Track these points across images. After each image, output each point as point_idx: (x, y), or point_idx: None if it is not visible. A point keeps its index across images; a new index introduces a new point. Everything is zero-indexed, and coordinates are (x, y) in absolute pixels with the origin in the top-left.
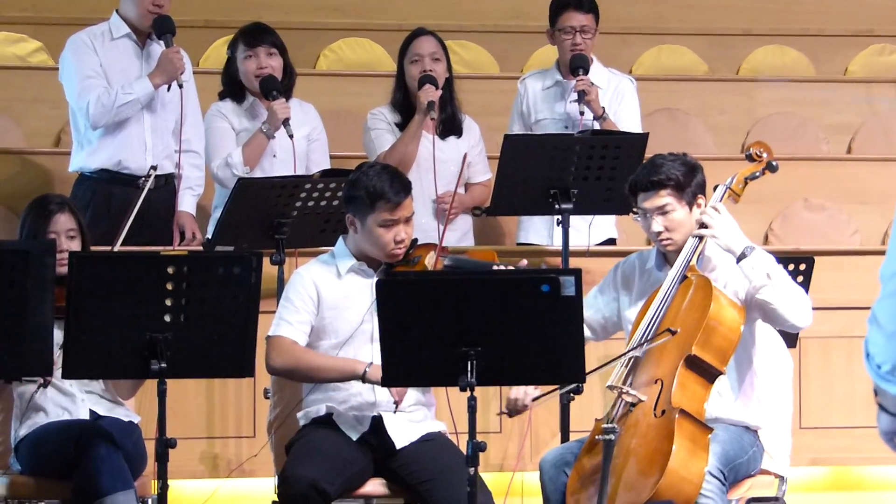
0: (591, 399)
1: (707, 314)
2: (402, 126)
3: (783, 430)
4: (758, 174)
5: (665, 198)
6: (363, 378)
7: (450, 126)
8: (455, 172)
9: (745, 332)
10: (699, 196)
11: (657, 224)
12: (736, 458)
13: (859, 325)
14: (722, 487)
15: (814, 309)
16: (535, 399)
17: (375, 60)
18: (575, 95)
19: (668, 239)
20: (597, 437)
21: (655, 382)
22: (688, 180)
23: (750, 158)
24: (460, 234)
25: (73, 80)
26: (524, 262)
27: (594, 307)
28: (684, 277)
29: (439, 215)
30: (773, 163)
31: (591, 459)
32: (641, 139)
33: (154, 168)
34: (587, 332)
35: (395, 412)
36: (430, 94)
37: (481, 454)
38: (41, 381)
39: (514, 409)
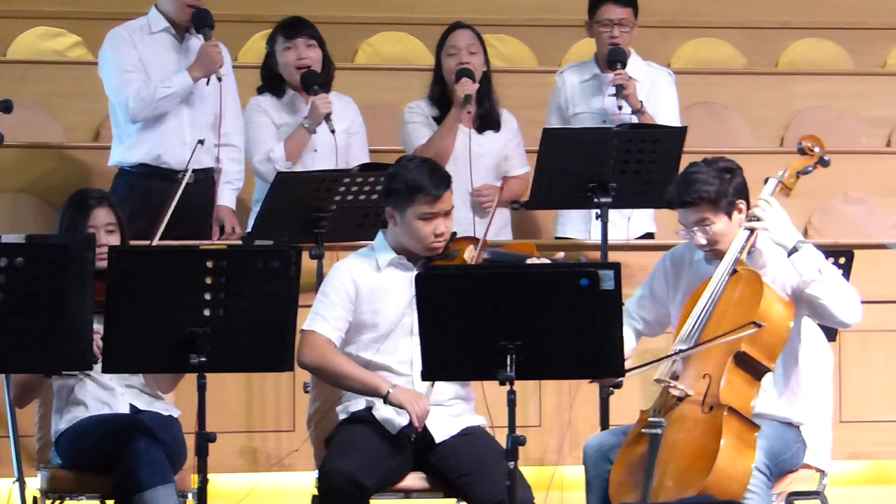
0: (631, 392)
1: (757, 310)
2: (438, 120)
3: (824, 425)
4: (810, 168)
5: (701, 213)
6: (385, 398)
7: (487, 120)
8: (491, 166)
9: (793, 328)
10: (738, 202)
11: (700, 238)
12: (781, 454)
13: None
14: (768, 483)
15: None
16: (627, 370)
17: (413, 54)
18: (613, 89)
19: (711, 251)
20: (643, 430)
21: (703, 377)
22: (722, 191)
23: (802, 152)
24: (498, 227)
25: (113, 74)
26: (561, 254)
27: (645, 302)
28: (734, 271)
29: (475, 208)
30: (825, 157)
31: (636, 450)
32: (680, 133)
33: (201, 142)
34: (641, 327)
35: (412, 438)
36: (466, 87)
37: (520, 448)
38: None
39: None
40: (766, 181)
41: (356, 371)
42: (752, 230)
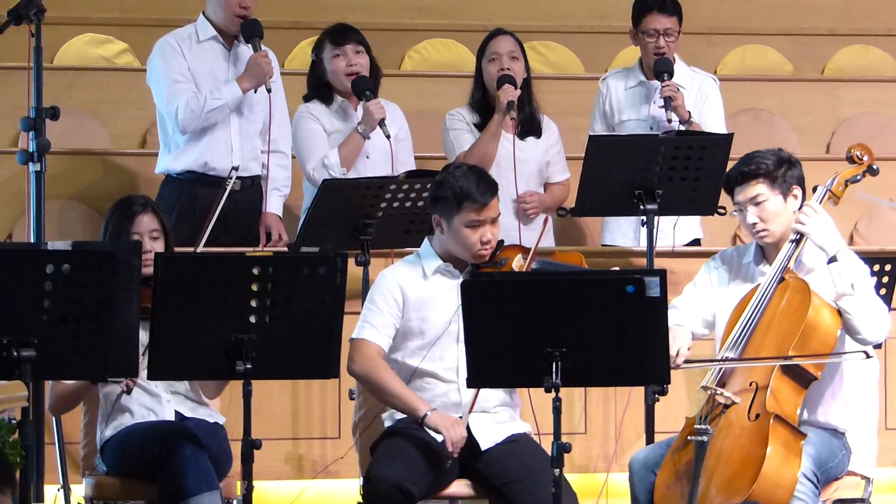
0: (677, 400)
1: (805, 318)
2: (480, 126)
3: (869, 432)
4: (858, 177)
5: (757, 187)
6: (422, 421)
7: (529, 126)
8: (534, 172)
9: (839, 336)
10: (794, 187)
11: (752, 215)
12: (828, 461)
13: None
14: (815, 490)
15: None
16: (686, 361)
17: (460, 61)
18: (661, 101)
19: (764, 230)
20: (689, 437)
21: (750, 385)
22: (780, 170)
23: (851, 160)
24: (538, 233)
25: (162, 84)
26: (615, 269)
27: (697, 302)
28: (781, 279)
29: (520, 215)
30: (874, 166)
31: (682, 458)
32: (726, 140)
33: (235, 169)
34: (700, 329)
35: (447, 465)
36: (509, 93)
37: (566, 455)
38: (124, 386)
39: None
40: (814, 189)
41: (400, 389)
42: (798, 237)
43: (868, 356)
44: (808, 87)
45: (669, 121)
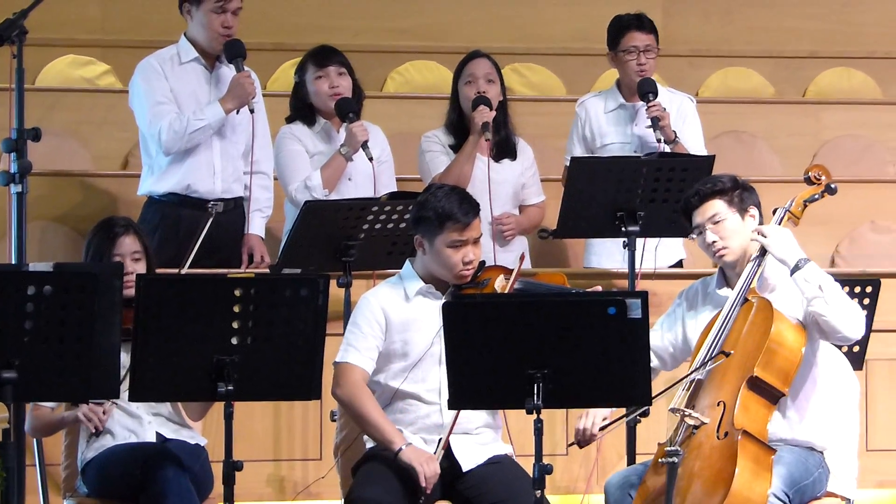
0: (659, 422)
1: (768, 335)
2: (455, 148)
3: (849, 452)
4: (816, 196)
5: (714, 205)
6: (396, 455)
7: (504, 148)
8: (510, 194)
9: (808, 352)
10: (751, 206)
11: (710, 234)
12: (801, 479)
13: None
14: None
15: (881, 331)
16: (602, 428)
17: (443, 83)
18: (648, 121)
19: (723, 248)
20: (660, 460)
21: (718, 405)
22: (736, 190)
23: (809, 181)
24: (516, 255)
25: (145, 106)
26: (598, 288)
27: (661, 336)
28: (745, 300)
29: (496, 237)
30: (832, 185)
31: (656, 482)
32: (708, 161)
33: (217, 203)
34: (655, 362)
35: (421, 500)
36: (484, 114)
37: (547, 477)
38: (93, 427)
39: (582, 440)
40: (773, 212)
41: (379, 420)
42: (761, 254)
43: (726, 354)
44: (789, 109)
45: (659, 141)
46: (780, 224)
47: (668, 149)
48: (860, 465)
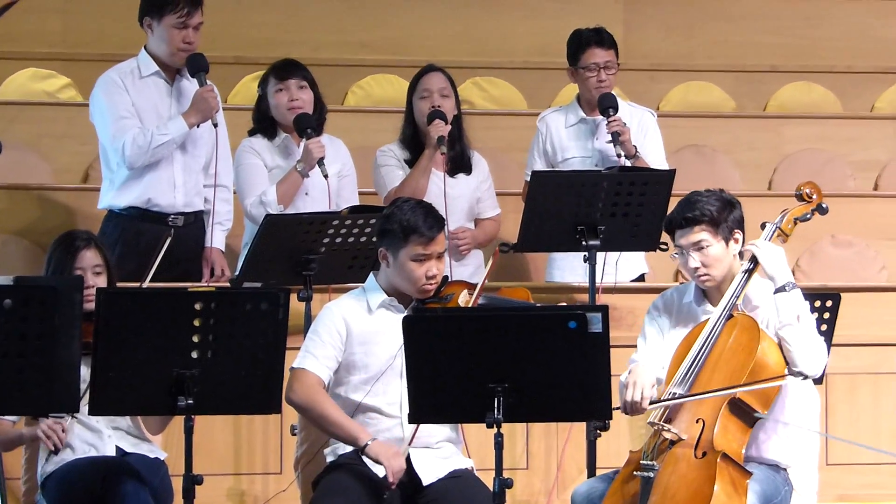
0: (619, 435)
1: (754, 356)
2: (411, 162)
3: (810, 467)
4: (808, 215)
5: (700, 234)
6: (363, 450)
7: (459, 163)
8: (465, 209)
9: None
10: (736, 231)
11: (694, 260)
12: (773, 497)
13: (886, 361)
14: None
15: (841, 345)
16: (652, 402)
17: (404, 97)
18: (608, 136)
19: (705, 275)
20: (635, 472)
21: (697, 422)
22: (723, 215)
23: (800, 198)
24: (473, 268)
25: (107, 120)
26: (562, 304)
27: (653, 347)
28: (730, 316)
29: (452, 251)
30: (823, 204)
31: (627, 491)
32: (668, 176)
33: (176, 218)
34: (662, 372)
35: (385, 496)
36: (440, 128)
37: (508, 491)
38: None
39: (632, 411)
40: (762, 226)
41: (340, 418)
42: (751, 266)
43: (806, 377)
44: (750, 123)
45: (619, 155)
46: (769, 240)
47: (628, 163)
48: (820, 479)
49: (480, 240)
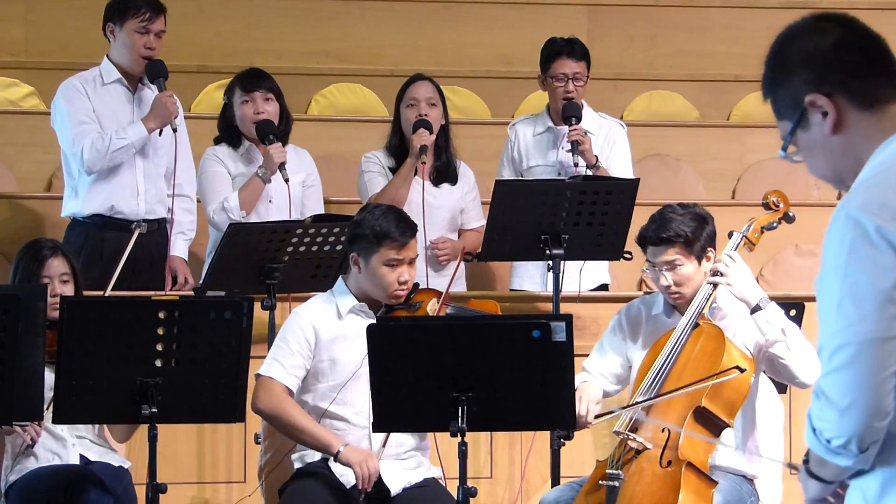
0: (582, 444)
1: (719, 364)
2: (395, 170)
3: (775, 477)
4: (775, 224)
5: (674, 255)
6: (335, 457)
7: (444, 173)
8: (447, 219)
9: (753, 382)
10: (708, 249)
11: (666, 279)
12: None
13: None
14: None
15: None
16: (597, 416)
17: (367, 105)
18: (569, 145)
19: (676, 293)
20: (601, 482)
21: (662, 431)
22: (697, 235)
23: (767, 207)
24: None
25: (67, 126)
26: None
27: (607, 358)
28: (696, 325)
29: (430, 261)
30: (790, 213)
31: (591, 501)
32: (632, 185)
33: (141, 224)
34: (612, 386)
35: (360, 499)
36: (423, 138)
37: (472, 500)
38: (29, 439)
39: (578, 425)
40: (730, 235)
41: (310, 425)
42: (714, 284)
43: (741, 370)
44: (714, 132)
45: (576, 164)
46: (736, 250)
47: (589, 172)
48: (784, 487)
49: (460, 250)
